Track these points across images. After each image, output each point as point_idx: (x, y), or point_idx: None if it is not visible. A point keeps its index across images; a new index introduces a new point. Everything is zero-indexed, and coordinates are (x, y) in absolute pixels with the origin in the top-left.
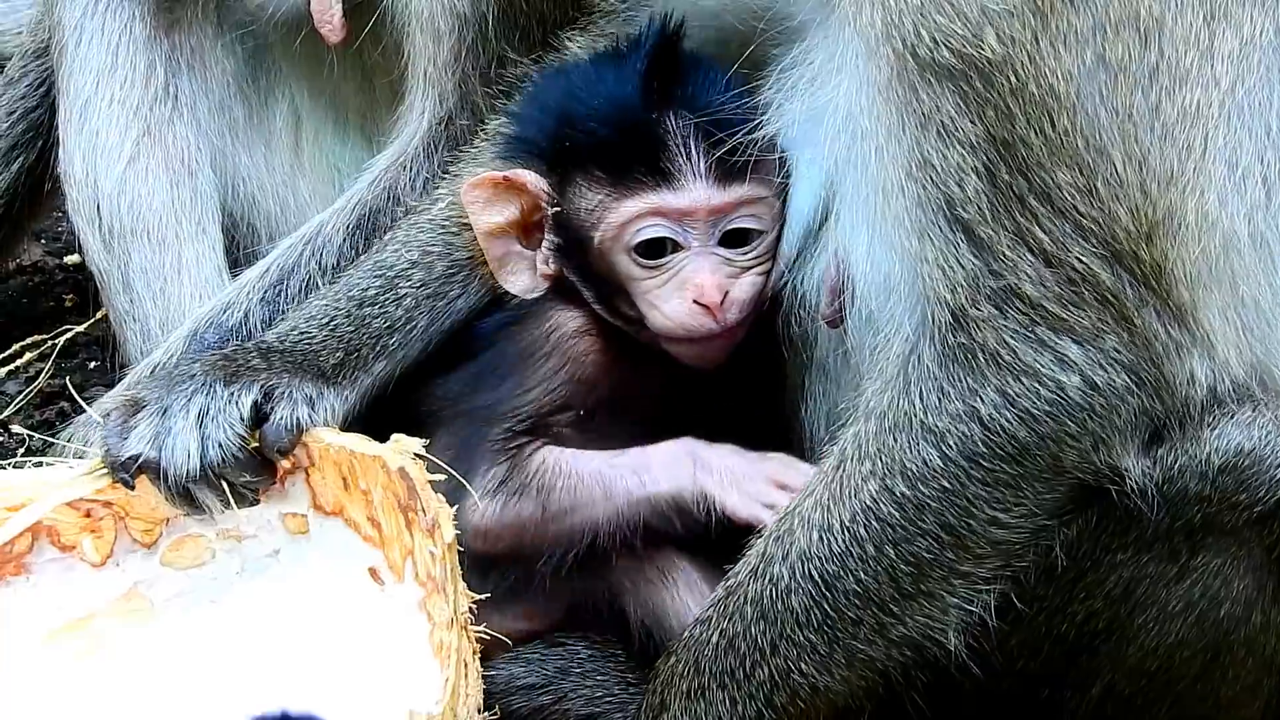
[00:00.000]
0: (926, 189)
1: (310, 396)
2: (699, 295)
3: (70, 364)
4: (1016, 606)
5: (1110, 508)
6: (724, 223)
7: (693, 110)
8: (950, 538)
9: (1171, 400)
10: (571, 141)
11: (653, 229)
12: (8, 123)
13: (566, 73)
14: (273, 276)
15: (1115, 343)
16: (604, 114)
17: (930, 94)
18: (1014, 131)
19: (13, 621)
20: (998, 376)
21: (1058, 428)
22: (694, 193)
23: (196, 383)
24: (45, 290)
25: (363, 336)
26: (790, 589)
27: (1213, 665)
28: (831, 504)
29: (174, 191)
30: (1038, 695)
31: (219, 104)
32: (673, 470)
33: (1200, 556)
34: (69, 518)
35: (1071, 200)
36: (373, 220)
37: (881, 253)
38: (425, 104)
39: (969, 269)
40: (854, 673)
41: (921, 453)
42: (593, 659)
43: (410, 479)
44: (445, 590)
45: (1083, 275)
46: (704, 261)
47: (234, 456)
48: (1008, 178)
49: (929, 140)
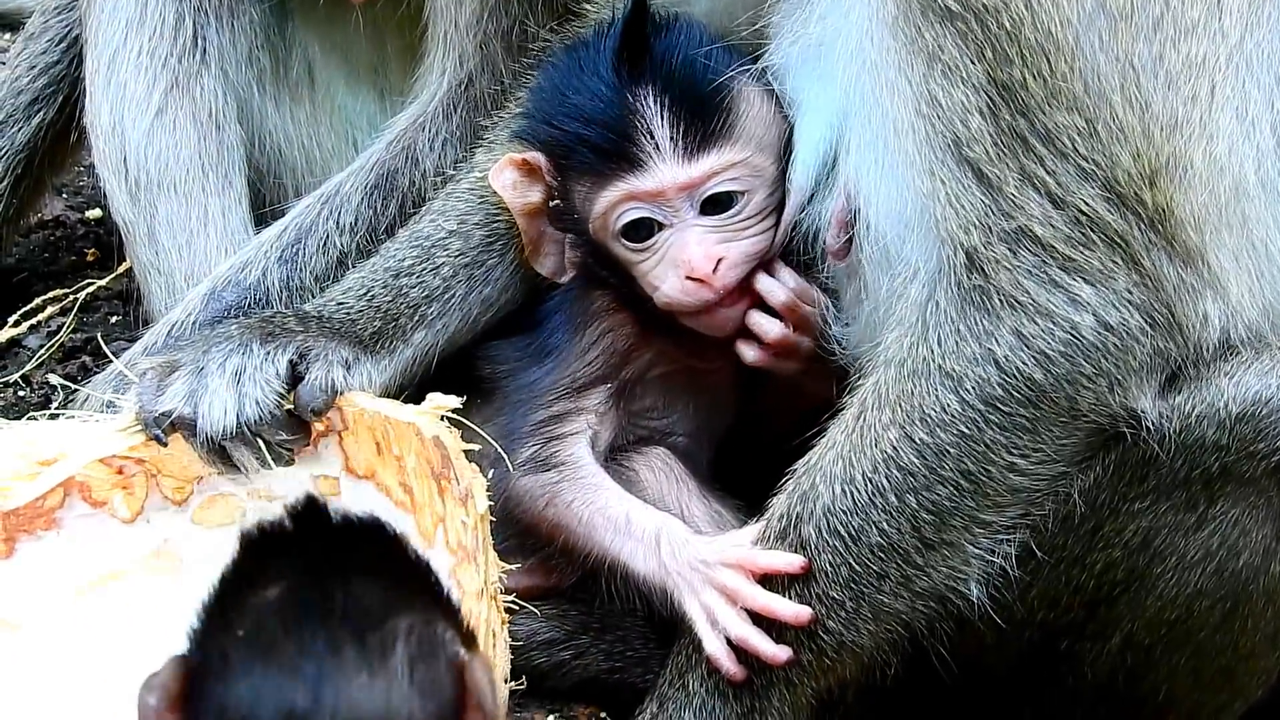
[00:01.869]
0: (935, 126)
1: (346, 360)
2: (689, 270)
3: (92, 318)
4: (1037, 556)
5: (1127, 454)
6: (699, 194)
7: (661, 84)
8: (970, 485)
9: (1185, 342)
10: (556, 135)
11: (631, 213)
12: (29, 77)
13: (557, 60)
14: (290, 236)
15: (1127, 283)
16: (575, 106)
17: (933, 34)
18: (1012, 74)
19: (42, 575)
20: (1012, 318)
21: (1073, 368)
22: (660, 173)
23: (233, 342)
24: (67, 245)
25: (400, 306)
26: (818, 548)
27: (1232, 615)
28: (853, 455)
29: (201, 144)
30: (1057, 646)
31: (246, 56)
32: (644, 554)
33: (1218, 506)
34: (101, 474)
35: (1072, 143)
36: (391, 181)
37: (893, 189)
38: (446, 64)
39: (979, 208)
40: (879, 627)
41: (940, 398)
42: (612, 615)
43: (445, 448)
44: (476, 560)
45: (1089, 217)
46: (688, 235)
47: (271, 414)
48: (1009, 119)
49: (935, 78)
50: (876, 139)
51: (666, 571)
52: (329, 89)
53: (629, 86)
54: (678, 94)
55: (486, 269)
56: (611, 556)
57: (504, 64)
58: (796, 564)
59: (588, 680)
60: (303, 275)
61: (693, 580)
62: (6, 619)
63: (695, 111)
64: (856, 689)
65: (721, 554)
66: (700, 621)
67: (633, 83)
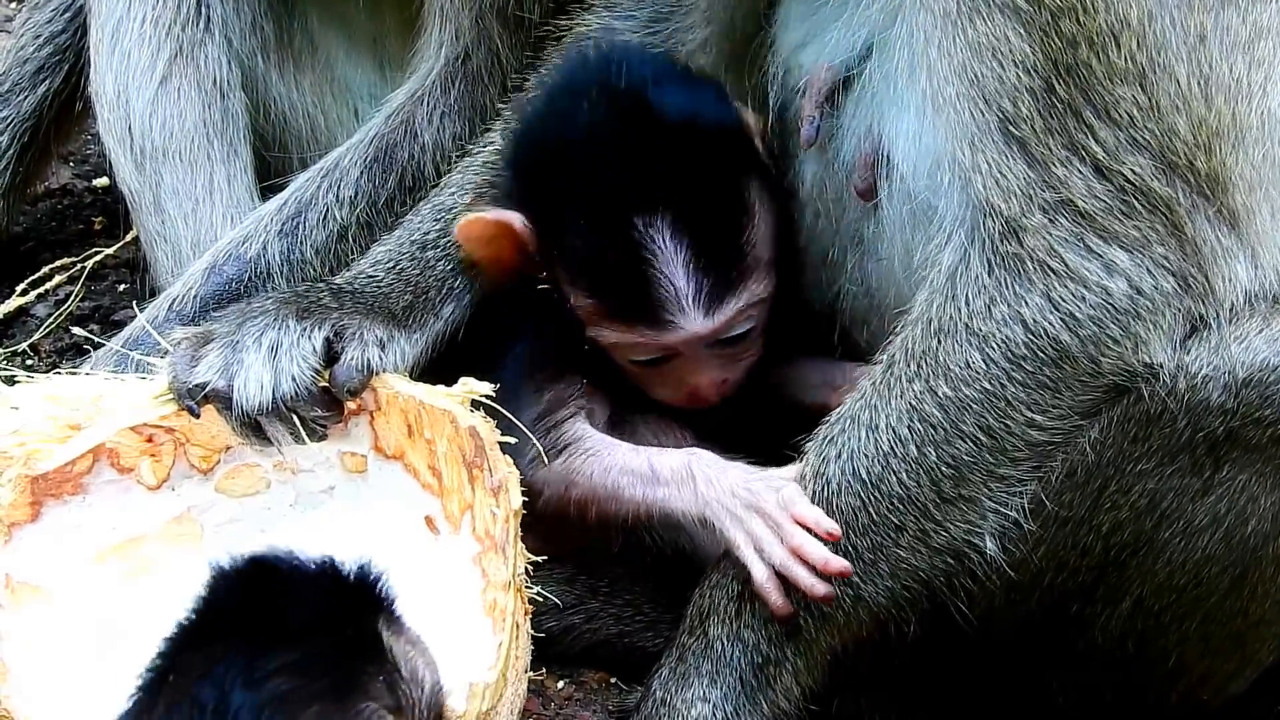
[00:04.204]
0: (979, 105)
1: (381, 339)
2: (694, 395)
3: (100, 286)
4: (1046, 507)
5: (1132, 408)
6: (718, 338)
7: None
8: (989, 440)
9: (1213, 301)
10: (554, 232)
11: (644, 351)
12: (34, 46)
13: (546, 131)
14: (290, 209)
15: (1164, 249)
16: (582, 232)
17: (990, 21)
18: (1076, 56)
19: (66, 540)
20: (1044, 282)
21: (1100, 331)
22: (684, 330)
23: (269, 316)
24: (74, 213)
25: (429, 279)
26: (839, 488)
27: (1241, 581)
28: (879, 403)
29: (206, 112)
30: (1068, 610)
31: (250, 23)
32: (678, 493)
33: (1225, 471)
34: (130, 441)
35: (1129, 115)
36: (390, 154)
37: (930, 155)
38: (443, 39)
39: (1021, 180)
40: (897, 583)
41: (965, 355)
42: (621, 579)
43: (480, 438)
44: (505, 551)
45: (1135, 185)
46: (700, 366)
47: (307, 390)
48: (1065, 96)
49: (985, 60)
50: (914, 93)
51: (705, 501)
52: (329, 60)
53: (640, 216)
54: (698, 233)
55: None
56: (646, 508)
57: (500, 39)
58: (829, 528)
59: (598, 644)
60: (303, 248)
61: (734, 507)
62: (31, 582)
63: (717, 256)
64: (871, 658)
65: (767, 484)
66: (746, 549)
67: (644, 212)
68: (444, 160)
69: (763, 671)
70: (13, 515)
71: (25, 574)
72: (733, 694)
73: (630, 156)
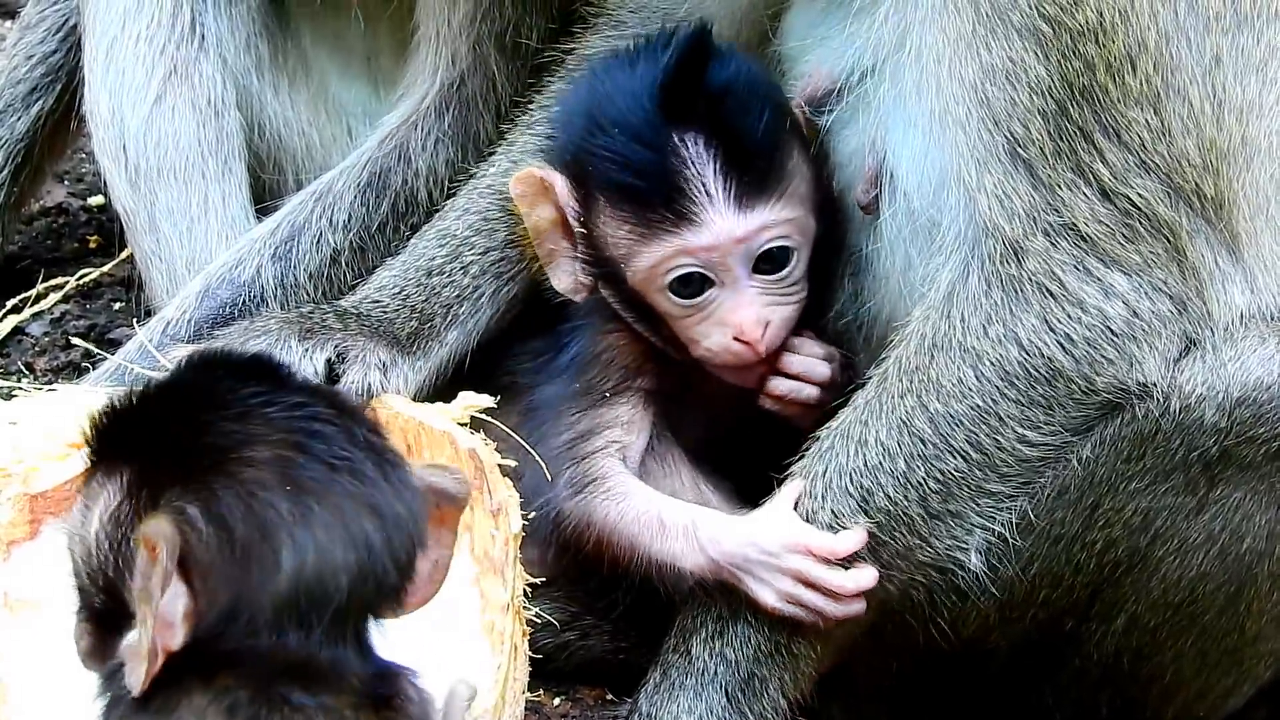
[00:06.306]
0: (987, 126)
1: (384, 363)
2: (739, 333)
3: (95, 305)
4: (1036, 527)
5: (1125, 428)
6: (754, 248)
7: (712, 126)
8: (979, 456)
9: (1209, 322)
10: (592, 169)
11: (683, 268)
12: (26, 67)
13: (596, 78)
14: (284, 233)
15: (1164, 273)
16: (614, 144)
17: (1004, 46)
18: (1094, 79)
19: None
20: (1042, 304)
21: (1095, 352)
22: (716, 227)
23: (271, 336)
24: (69, 232)
25: (434, 305)
26: (827, 501)
27: (1237, 598)
28: (870, 418)
29: (200, 131)
30: (1063, 627)
31: (245, 42)
32: (686, 551)
33: (1219, 489)
34: None
35: (1140, 139)
36: (383, 179)
37: (935, 168)
38: (438, 63)
39: (1026, 203)
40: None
41: (958, 371)
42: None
43: (480, 460)
44: (504, 574)
45: (1139, 209)
46: (741, 297)
47: None
48: (1076, 116)
49: (996, 81)
50: (919, 110)
51: (719, 566)
52: (323, 78)
53: (677, 128)
54: (731, 140)
55: (514, 264)
56: (659, 561)
57: (497, 65)
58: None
59: (593, 661)
60: (297, 272)
61: (756, 570)
62: (28, 599)
63: (749, 160)
64: (868, 669)
65: (783, 538)
66: (783, 608)
67: (681, 123)
68: (438, 185)
69: (748, 686)
70: (12, 533)
71: (24, 592)
72: (718, 707)
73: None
